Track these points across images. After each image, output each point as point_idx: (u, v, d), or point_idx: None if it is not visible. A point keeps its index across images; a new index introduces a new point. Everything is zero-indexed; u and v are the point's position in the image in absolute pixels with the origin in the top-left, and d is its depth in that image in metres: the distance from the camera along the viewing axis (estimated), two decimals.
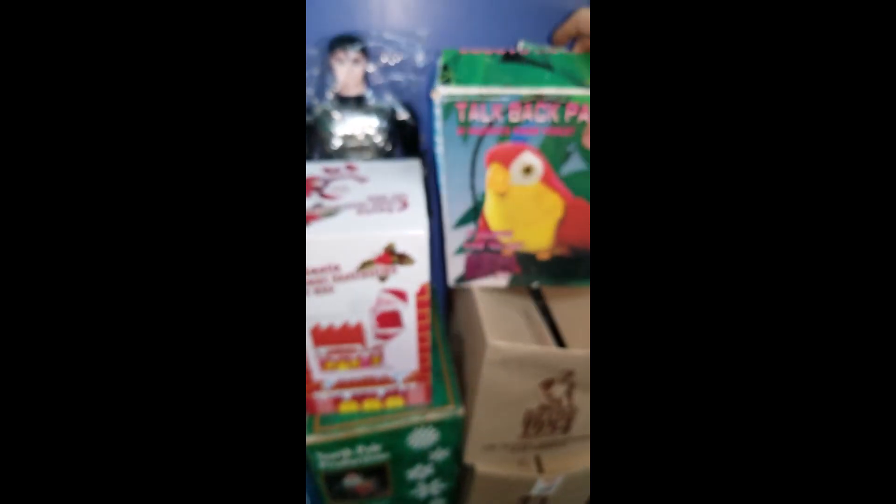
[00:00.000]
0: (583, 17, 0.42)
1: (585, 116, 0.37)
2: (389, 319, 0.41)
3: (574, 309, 0.51)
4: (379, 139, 0.52)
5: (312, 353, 0.43)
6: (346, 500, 0.54)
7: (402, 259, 0.38)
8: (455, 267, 0.48)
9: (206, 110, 0.21)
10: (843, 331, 0.20)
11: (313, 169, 0.45)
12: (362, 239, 0.36)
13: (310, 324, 0.40)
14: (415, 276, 0.39)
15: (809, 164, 0.21)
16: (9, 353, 0.19)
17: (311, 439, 0.46)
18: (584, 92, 0.36)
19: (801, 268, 0.21)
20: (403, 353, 0.44)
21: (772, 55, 0.21)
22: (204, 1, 0.21)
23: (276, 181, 0.23)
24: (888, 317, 0.20)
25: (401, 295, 0.40)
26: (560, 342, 0.48)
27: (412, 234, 0.36)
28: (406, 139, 0.55)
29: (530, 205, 0.42)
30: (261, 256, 0.22)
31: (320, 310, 0.40)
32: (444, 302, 0.72)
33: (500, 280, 0.49)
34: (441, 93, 0.35)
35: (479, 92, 0.35)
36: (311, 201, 0.40)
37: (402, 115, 0.53)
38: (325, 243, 0.36)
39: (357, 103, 0.51)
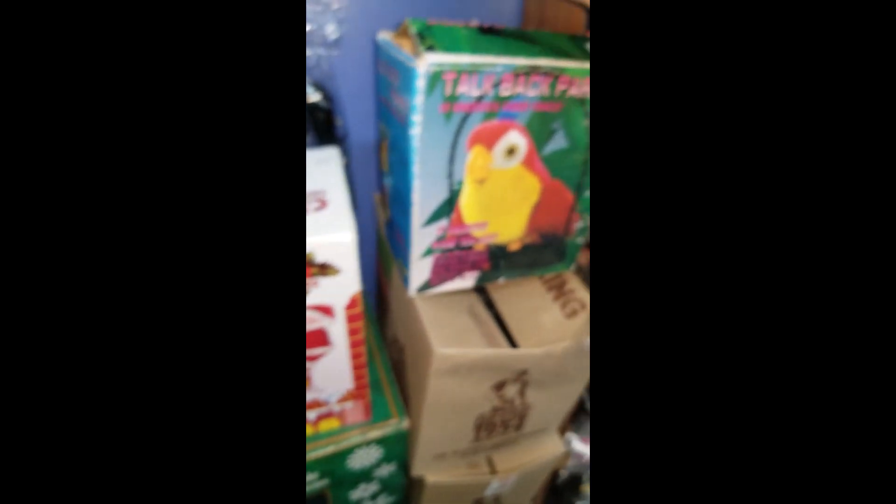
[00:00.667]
0: None
1: (575, 91, 0.34)
2: (314, 339, 0.35)
3: (518, 299, 0.48)
4: None
5: None
6: None
7: (325, 270, 0.32)
8: (419, 273, 0.41)
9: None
10: (844, 325, 0.20)
11: None
12: None
13: None
14: (342, 288, 0.33)
15: (813, 151, 0.20)
16: (8, 354, 0.19)
17: None
18: (578, 65, 0.33)
19: (804, 263, 0.20)
20: (334, 374, 0.39)
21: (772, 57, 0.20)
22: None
23: (274, 175, 0.21)
24: (888, 317, 0.19)
25: (326, 310, 0.34)
26: (509, 338, 0.45)
27: (335, 239, 0.31)
28: (318, 125, 0.47)
29: (508, 190, 0.38)
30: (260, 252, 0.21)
31: None
32: (375, 301, 0.66)
33: (468, 281, 0.43)
34: (428, 60, 0.29)
35: (472, 60, 0.30)
36: None
37: (313, 96, 0.46)
38: None
39: None
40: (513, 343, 0.44)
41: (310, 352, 0.36)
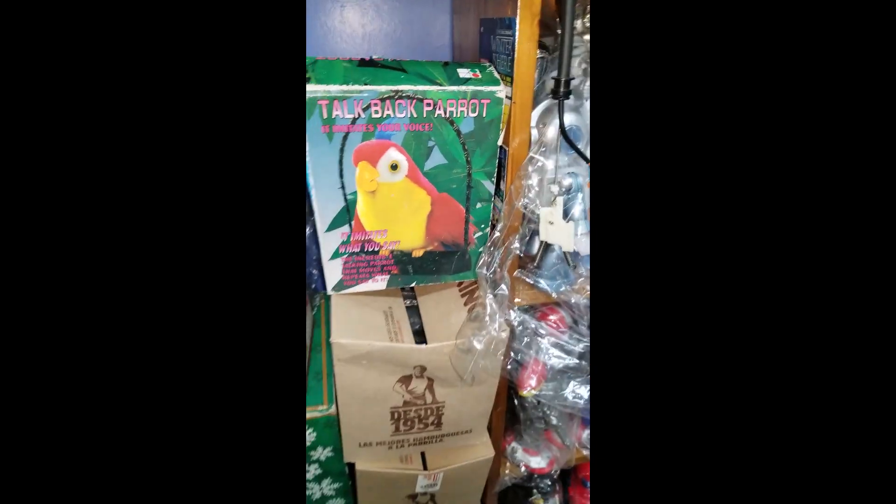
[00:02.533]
0: None
1: (441, 112, 0.39)
2: None
3: (436, 303, 0.52)
4: None
5: None
6: None
7: None
8: (332, 273, 0.47)
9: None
10: (834, 325, 0.20)
11: None
12: None
13: None
14: None
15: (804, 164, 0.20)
16: (9, 354, 0.19)
17: None
18: (437, 89, 0.38)
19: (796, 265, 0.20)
20: None
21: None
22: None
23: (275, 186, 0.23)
24: (887, 317, 0.19)
25: None
26: (423, 338, 0.49)
27: None
28: None
29: (400, 201, 0.44)
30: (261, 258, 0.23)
31: None
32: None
33: (380, 283, 0.49)
34: None
35: (341, 89, 0.37)
36: None
37: None
38: None
39: None
40: (424, 342, 0.48)
41: None
